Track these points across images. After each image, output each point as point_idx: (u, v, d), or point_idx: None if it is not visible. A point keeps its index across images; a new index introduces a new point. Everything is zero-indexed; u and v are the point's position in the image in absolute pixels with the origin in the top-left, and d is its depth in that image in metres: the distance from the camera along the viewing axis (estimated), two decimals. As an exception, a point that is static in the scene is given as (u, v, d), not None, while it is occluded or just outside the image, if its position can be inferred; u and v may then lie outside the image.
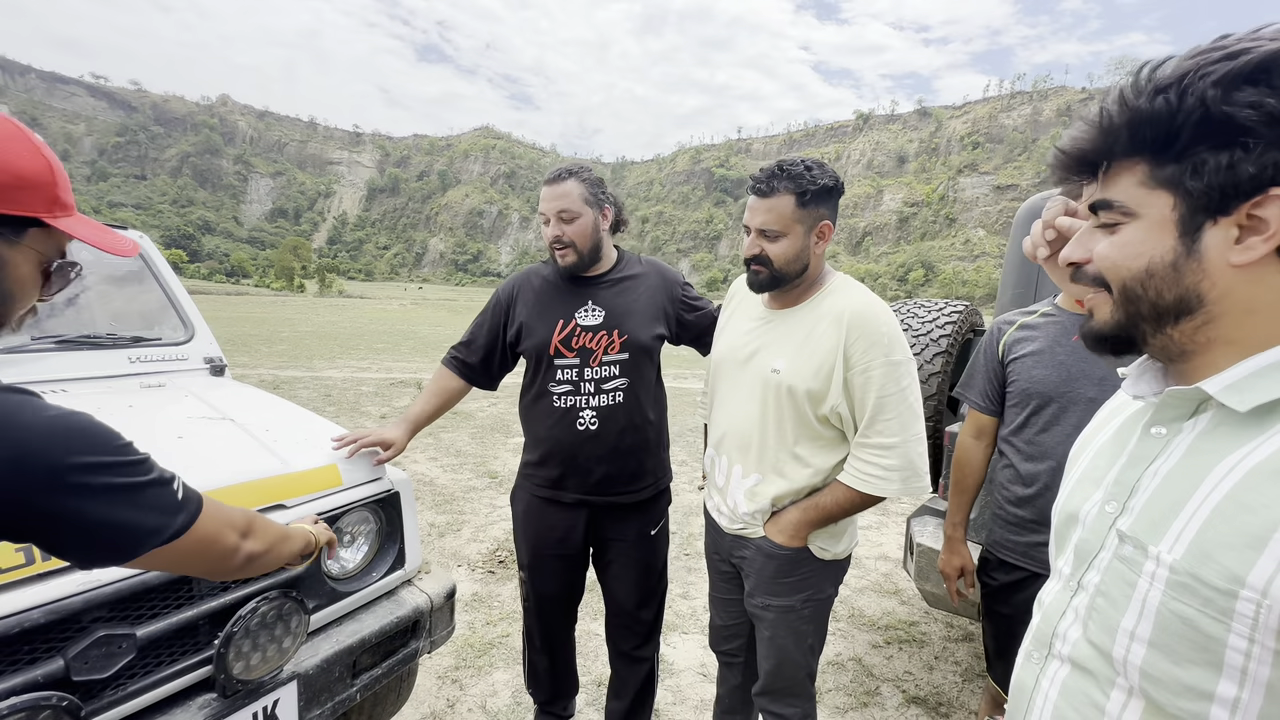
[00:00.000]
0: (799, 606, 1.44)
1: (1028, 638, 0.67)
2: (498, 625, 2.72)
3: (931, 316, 2.41)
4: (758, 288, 1.43)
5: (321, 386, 8.77)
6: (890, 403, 1.29)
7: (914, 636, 2.77)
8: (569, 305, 1.68)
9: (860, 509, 1.37)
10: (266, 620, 1.20)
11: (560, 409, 1.66)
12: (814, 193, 1.30)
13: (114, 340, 1.95)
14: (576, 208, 1.62)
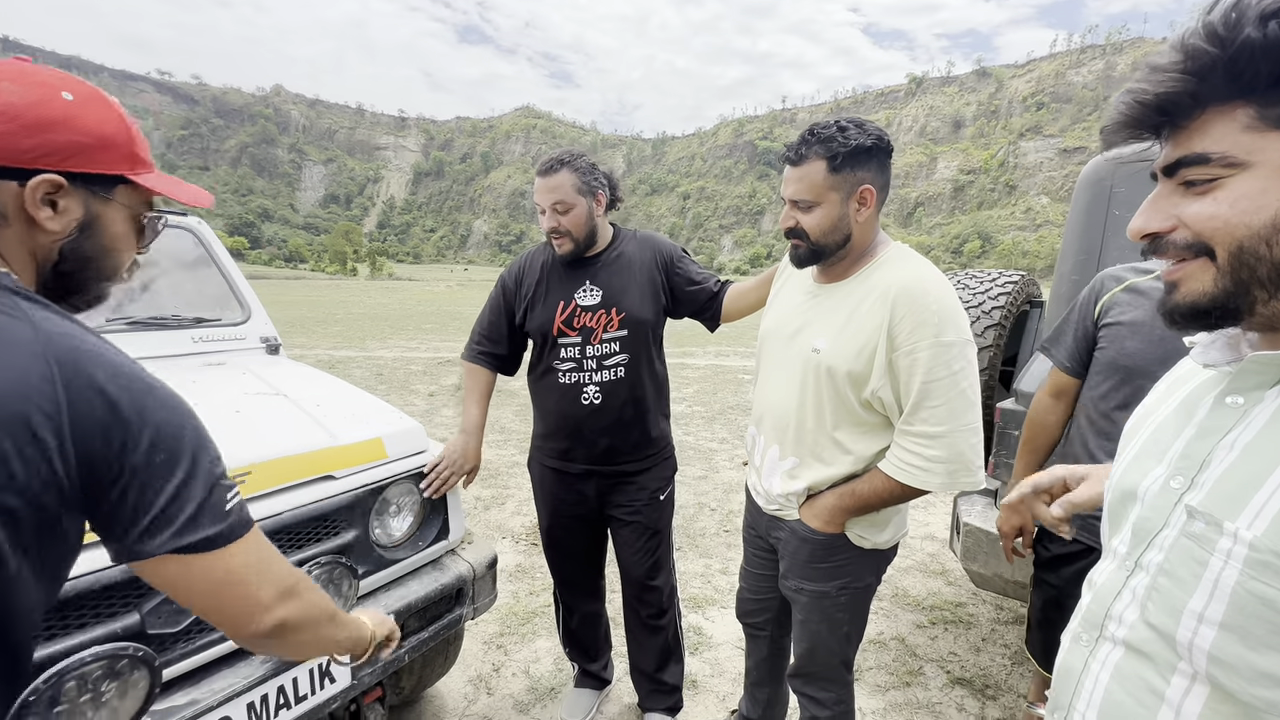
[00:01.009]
0: (834, 593, 1.39)
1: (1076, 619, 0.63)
2: (540, 595, 2.80)
3: (984, 288, 2.29)
4: (798, 262, 1.35)
5: (374, 366, 9.13)
6: (938, 388, 1.17)
7: (960, 618, 2.70)
8: (568, 287, 1.73)
9: (900, 500, 1.28)
10: (320, 581, 1.26)
11: (565, 385, 1.74)
12: (847, 155, 1.20)
13: (178, 321, 2.07)
14: (570, 198, 1.63)
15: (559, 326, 1.70)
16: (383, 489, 1.53)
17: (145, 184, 0.75)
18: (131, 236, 0.76)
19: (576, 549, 1.94)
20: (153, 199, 0.78)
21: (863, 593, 1.41)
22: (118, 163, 0.71)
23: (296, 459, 1.39)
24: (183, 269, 2.29)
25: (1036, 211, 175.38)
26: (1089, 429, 1.41)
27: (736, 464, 4.90)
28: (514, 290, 1.80)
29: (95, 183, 0.70)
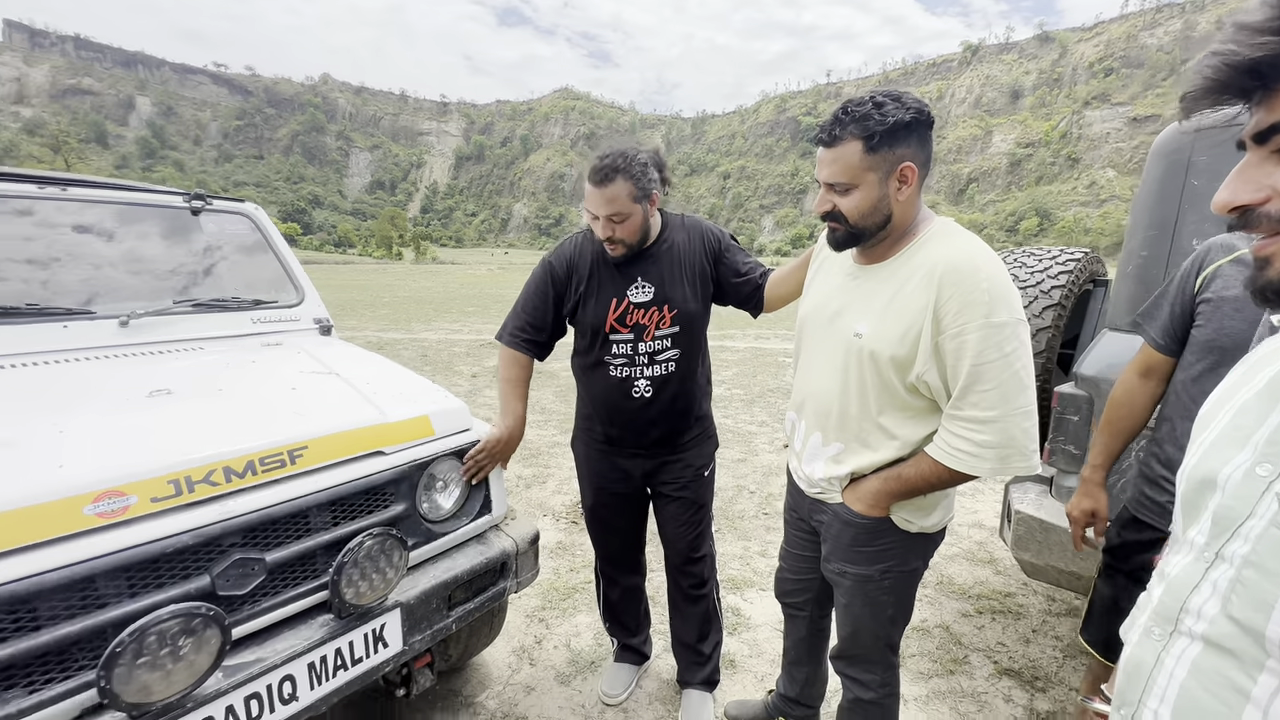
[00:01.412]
0: (877, 577, 1.36)
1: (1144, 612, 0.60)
2: (580, 572, 2.85)
3: (1042, 266, 2.17)
4: (836, 245, 1.30)
5: (419, 347, 9.39)
6: (989, 371, 1.11)
7: (1009, 608, 2.62)
8: (620, 283, 1.70)
9: (948, 485, 1.24)
10: (371, 553, 1.32)
11: (616, 378, 1.74)
12: (884, 133, 1.12)
13: (239, 304, 2.17)
14: (626, 209, 1.57)
15: (611, 324, 1.70)
16: (429, 465, 1.58)
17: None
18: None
19: (620, 524, 1.98)
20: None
21: (908, 577, 1.38)
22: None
23: (349, 435, 1.45)
24: (241, 253, 2.40)
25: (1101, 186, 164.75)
26: (1180, 414, 1.32)
27: (776, 447, 4.85)
28: (564, 281, 1.75)
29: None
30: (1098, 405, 1.80)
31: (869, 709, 1.49)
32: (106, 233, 2.02)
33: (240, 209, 2.42)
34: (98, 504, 1.08)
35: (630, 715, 1.99)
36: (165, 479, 1.16)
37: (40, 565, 0.99)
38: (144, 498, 1.12)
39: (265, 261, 2.39)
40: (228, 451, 1.25)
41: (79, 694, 1.03)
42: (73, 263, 1.90)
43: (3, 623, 0.97)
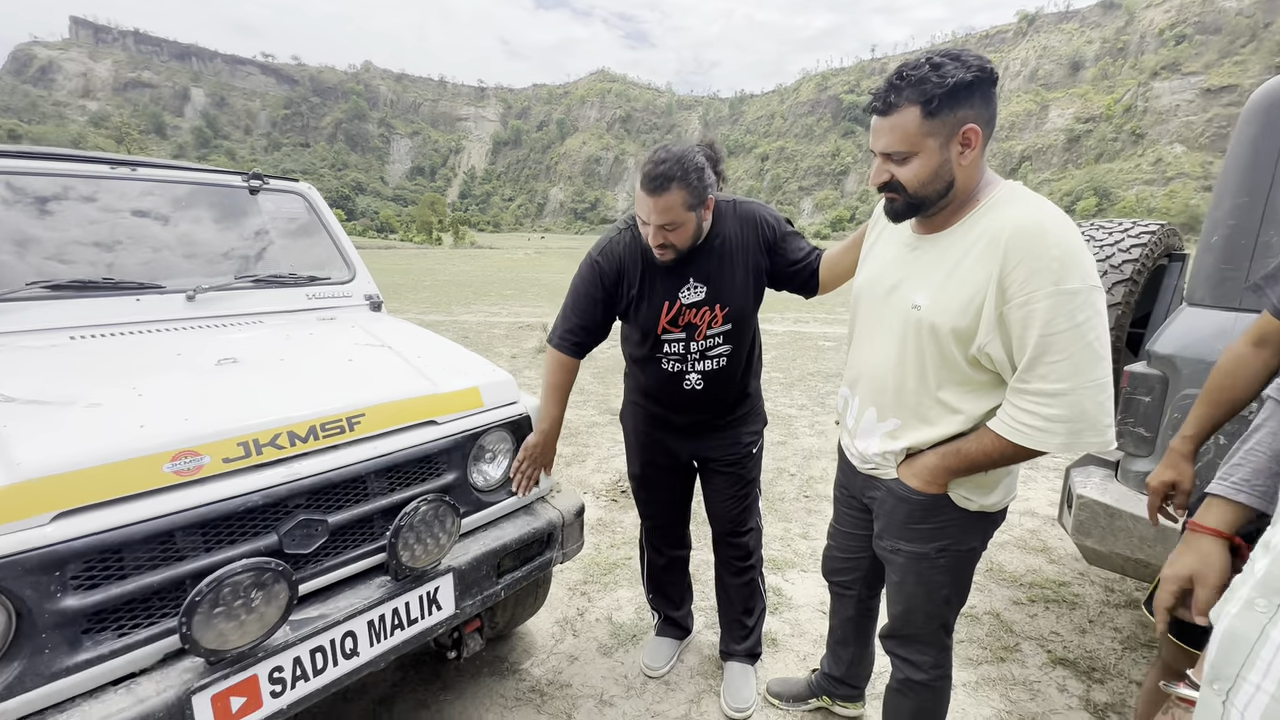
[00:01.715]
0: (933, 555, 1.32)
1: (1247, 585, 0.57)
2: (620, 549, 2.88)
3: (1114, 239, 2.04)
4: (894, 216, 1.23)
5: (459, 329, 9.58)
6: (1059, 341, 1.04)
7: (1064, 597, 2.53)
8: (671, 283, 1.66)
9: (1012, 462, 1.18)
10: (426, 518, 1.36)
11: (668, 372, 1.74)
12: (944, 96, 1.05)
13: (295, 280, 2.24)
14: (680, 218, 1.50)
15: (664, 325, 1.68)
16: (479, 435, 1.61)
17: None
18: None
19: (666, 496, 1.99)
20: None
21: (965, 557, 1.34)
22: None
23: (403, 404, 1.49)
24: (296, 231, 2.47)
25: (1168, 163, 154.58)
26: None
27: (816, 430, 4.78)
28: (614, 284, 1.69)
29: None
30: (1173, 385, 1.70)
31: (920, 691, 1.46)
32: (173, 212, 2.11)
33: (294, 188, 2.49)
34: (175, 462, 1.13)
35: (672, 688, 2.01)
36: (235, 441, 1.21)
37: (127, 517, 1.05)
38: (216, 458, 1.17)
39: (319, 239, 2.46)
40: (292, 417, 1.30)
41: (162, 639, 1.10)
42: (143, 240, 1.99)
43: (95, 569, 1.03)
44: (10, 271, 1.69)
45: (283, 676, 1.18)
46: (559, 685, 2.00)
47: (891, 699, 1.54)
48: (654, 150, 1.52)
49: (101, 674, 1.04)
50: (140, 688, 1.05)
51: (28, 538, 0.97)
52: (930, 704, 1.47)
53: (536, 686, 1.99)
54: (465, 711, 1.88)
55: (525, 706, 1.91)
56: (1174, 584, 0.98)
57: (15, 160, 1.85)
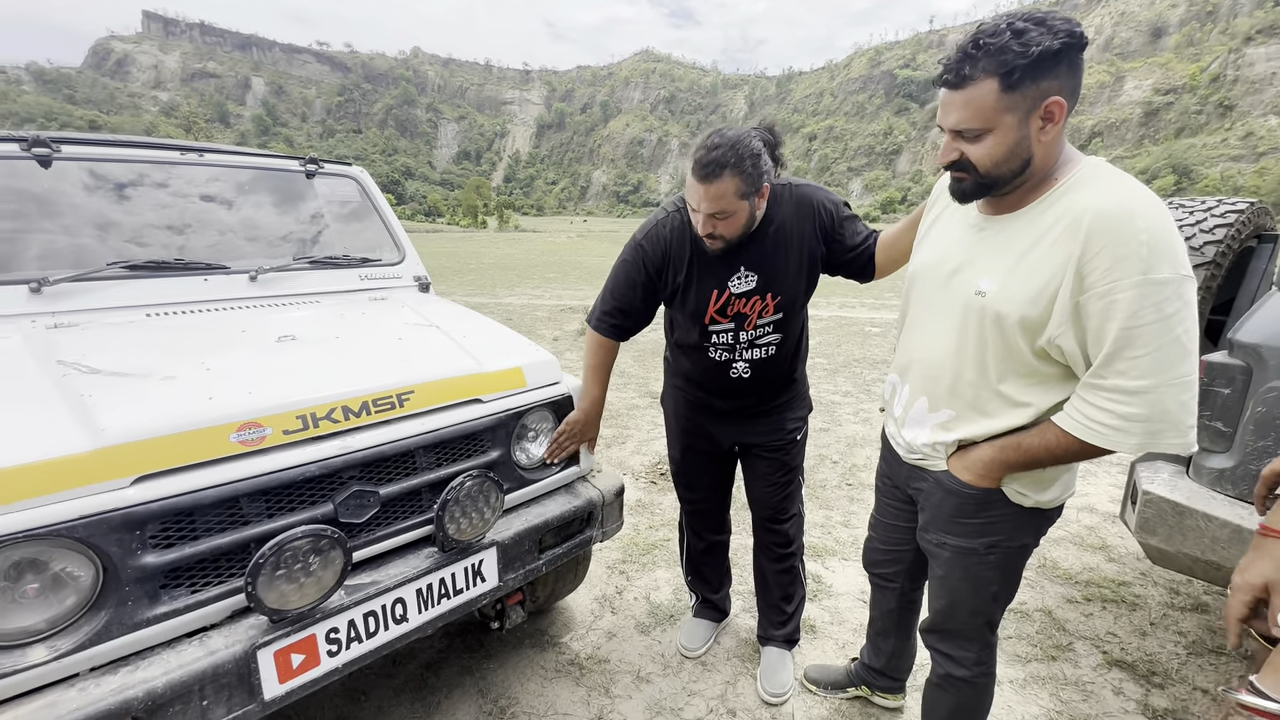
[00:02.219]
0: (981, 551, 1.26)
1: None
2: (659, 530, 2.91)
3: (1195, 219, 1.89)
4: (961, 197, 1.14)
5: (503, 311, 9.76)
6: (1144, 335, 0.96)
7: (1123, 597, 2.41)
8: (721, 272, 1.60)
9: (1077, 459, 1.10)
10: (471, 492, 1.40)
11: (715, 361, 1.71)
12: (1028, 66, 0.95)
13: (349, 261, 2.32)
14: (731, 206, 1.44)
15: (712, 315, 1.64)
16: (522, 414, 1.64)
17: None
18: None
19: (708, 480, 1.99)
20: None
21: (1016, 554, 1.28)
22: None
23: (450, 382, 1.53)
24: (349, 214, 2.55)
25: (1260, 137, 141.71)
26: None
27: (860, 418, 4.67)
28: (658, 269, 1.65)
29: None
30: (1257, 376, 1.57)
31: (961, 687, 1.42)
32: (236, 196, 2.21)
33: (348, 172, 2.56)
34: (240, 433, 1.20)
35: (708, 668, 2.03)
36: (294, 414, 1.27)
37: (198, 483, 1.12)
38: (277, 430, 1.24)
39: (370, 222, 2.53)
40: (346, 392, 1.35)
41: (229, 598, 1.17)
42: (209, 223, 2.09)
43: (170, 530, 1.11)
44: (93, 253, 1.81)
45: (338, 637, 1.24)
46: (597, 660, 2.05)
47: (931, 693, 1.50)
48: (708, 134, 1.44)
49: (177, 626, 1.12)
50: (211, 641, 1.13)
51: (112, 499, 1.05)
52: (971, 700, 1.43)
53: (575, 660, 2.04)
54: (507, 680, 1.95)
55: (564, 679, 1.96)
56: (1246, 593, 0.87)
57: (97, 148, 1.97)
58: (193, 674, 1.06)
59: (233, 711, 1.12)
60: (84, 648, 1.02)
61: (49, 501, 1.00)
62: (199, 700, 1.07)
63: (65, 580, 1.03)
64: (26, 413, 1.15)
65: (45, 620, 1.01)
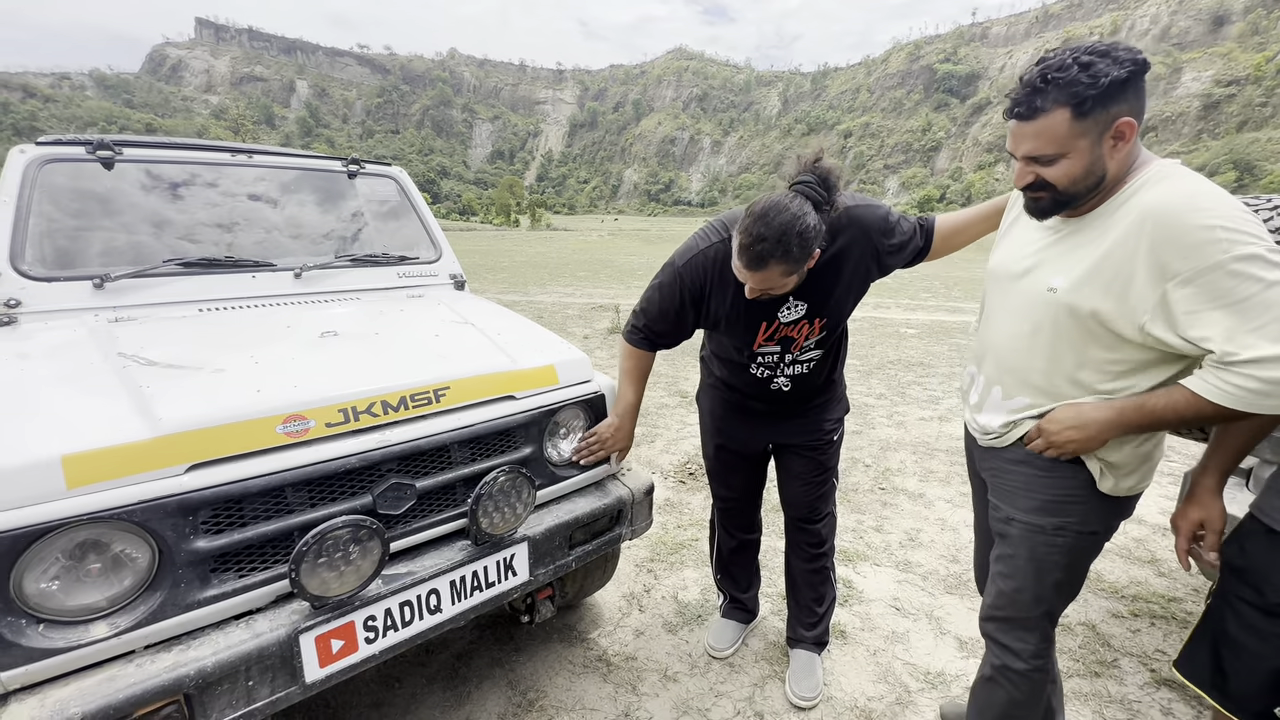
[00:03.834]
0: (1049, 530, 1.25)
1: None
2: (688, 530, 2.90)
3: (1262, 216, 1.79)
4: (1040, 214, 1.18)
5: (535, 309, 9.87)
6: (1257, 303, 0.95)
7: (1173, 614, 2.31)
8: (769, 306, 1.55)
9: (1209, 422, 1.07)
10: (504, 487, 1.42)
11: (757, 378, 1.72)
12: (1098, 96, 1.01)
13: (387, 259, 2.38)
14: (778, 284, 1.39)
15: (760, 343, 1.63)
16: (555, 412, 1.65)
17: None
18: None
19: (741, 479, 1.98)
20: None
21: (1085, 540, 1.25)
22: None
23: (485, 379, 1.56)
24: (388, 213, 2.62)
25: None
26: None
27: (894, 421, 4.57)
28: (697, 300, 1.59)
29: None
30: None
31: (1018, 681, 1.35)
32: (281, 195, 2.29)
33: (388, 172, 2.63)
34: (286, 425, 1.24)
35: (736, 670, 2.02)
36: (336, 408, 1.31)
37: (246, 472, 1.17)
38: (320, 422, 1.28)
39: (408, 221, 2.59)
40: (385, 387, 1.39)
41: (274, 583, 1.22)
42: (257, 221, 2.18)
43: (220, 517, 1.16)
44: (150, 250, 1.90)
45: (375, 625, 1.28)
46: (625, 657, 2.06)
47: (982, 689, 1.44)
48: (753, 218, 1.30)
49: (226, 609, 1.17)
50: (257, 624, 1.17)
51: (168, 485, 1.10)
52: (1025, 695, 1.37)
53: (603, 656, 2.06)
54: (535, 673, 1.97)
55: (592, 674, 1.98)
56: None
57: (154, 150, 2.07)
58: (240, 655, 1.11)
59: (276, 693, 1.16)
60: (140, 626, 1.08)
61: (111, 486, 1.06)
62: (245, 680, 1.12)
63: (124, 561, 1.08)
64: (92, 402, 1.21)
65: (106, 599, 1.07)
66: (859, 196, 1.54)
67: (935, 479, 3.54)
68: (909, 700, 1.89)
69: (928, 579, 2.52)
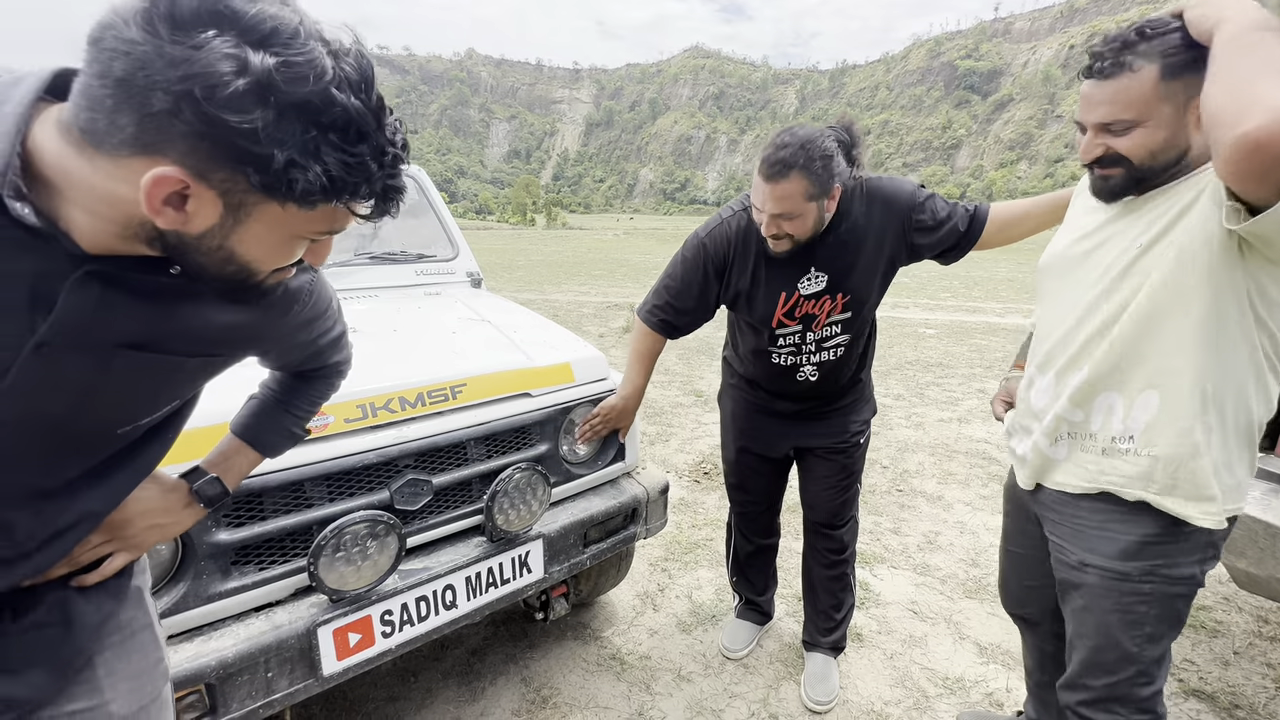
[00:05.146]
0: (1135, 575, 1.07)
1: None
2: (702, 529, 2.89)
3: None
4: (1110, 194, 1.05)
5: (550, 308, 9.91)
6: None
7: (1203, 623, 2.25)
8: (789, 275, 1.53)
9: None
10: (520, 485, 1.42)
11: (781, 365, 1.66)
12: (1191, 61, 0.90)
13: (405, 257, 2.40)
14: (798, 209, 1.37)
15: (779, 319, 1.58)
16: (570, 409, 1.65)
17: None
18: None
19: (761, 483, 1.95)
20: None
21: (1178, 586, 1.07)
22: None
23: (501, 376, 1.56)
24: (407, 211, 2.64)
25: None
26: None
27: (913, 422, 4.51)
28: (720, 272, 1.59)
29: None
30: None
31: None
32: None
33: (407, 171, 2.64)
34: (306, 420, 1.25)
35: (750, 671, 2.00)
36: (355, 404, 1.32)
37: (267, 465, 1.17)
38: (339, 418, 1.29)
39: (426, 220, 2.61)
40: (402, 383, 1.40)
41: (293, 576, 1.23)
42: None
43: (241, 510, 1.18)
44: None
45: (392, 619, 1.29)
46: (638, 656, 2.06)
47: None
48: (779, 133, 1.38)
49: (246, 601, 1.18)
50: (276, 616, 1.19)
51: (191, 478, 1.12)
52: None
53: (617, 655, 2.06)
54: (549, 670, 1.98)
55: (605, 673, 1.98)
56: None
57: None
58: (259, 646, 1.12)
59: (294, 684, 1.18)
60: (163, 617, 1.10)
61: (136, 479, 1.08)
62: (264, 672, 1.13)
63: (149, 553, 1.10)
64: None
65: (131, 589, 1.09)
66: (886, 176, 1.54)
67: (954, 481, 3.49)
68: (927, 706, 1.86)
69: (946, 582, 2.49)
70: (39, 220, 0.49)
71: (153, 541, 0.82)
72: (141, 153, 0.46)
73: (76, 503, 0.67)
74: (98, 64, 0.44)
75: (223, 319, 0.66)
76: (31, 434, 0.59)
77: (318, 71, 0.47)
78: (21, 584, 0.66)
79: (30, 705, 0.69)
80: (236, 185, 0.49)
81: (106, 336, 0.57)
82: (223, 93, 0.44)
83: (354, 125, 0.49)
